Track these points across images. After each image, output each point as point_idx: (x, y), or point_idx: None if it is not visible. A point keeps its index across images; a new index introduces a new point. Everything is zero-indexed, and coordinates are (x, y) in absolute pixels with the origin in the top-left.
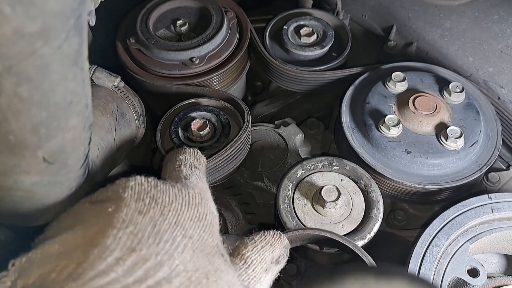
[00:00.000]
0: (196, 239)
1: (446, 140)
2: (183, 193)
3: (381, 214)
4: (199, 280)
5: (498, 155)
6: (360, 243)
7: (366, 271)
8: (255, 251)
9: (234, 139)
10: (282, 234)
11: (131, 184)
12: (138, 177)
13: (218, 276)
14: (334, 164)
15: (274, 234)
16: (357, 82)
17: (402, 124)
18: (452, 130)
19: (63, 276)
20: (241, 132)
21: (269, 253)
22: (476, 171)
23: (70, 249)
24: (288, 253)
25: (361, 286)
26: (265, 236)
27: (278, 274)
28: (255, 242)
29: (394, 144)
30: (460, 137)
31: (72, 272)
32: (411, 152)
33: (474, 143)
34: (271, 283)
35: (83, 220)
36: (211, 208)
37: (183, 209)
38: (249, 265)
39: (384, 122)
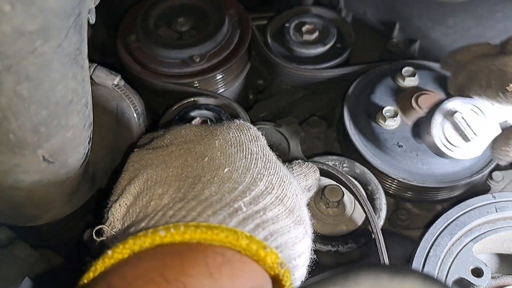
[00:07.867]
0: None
1: None
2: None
3: (382, 222)
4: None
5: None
6: (362, 242)
7: (380, 269)
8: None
9: None
10: (317, 168)
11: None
12: None
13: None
14: (344, 165)
15: (310, 166)
16: (359, 79)
17: (401, 119)
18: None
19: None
20: None
21: (303, 182)
22: (466, 177)
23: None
24: (318, 184)
25: (375, 283)
26: (302, 167)
27: None
28: (293, 170)
29: (387, 135)
30: None
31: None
32: (402, 146)
33: None
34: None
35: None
36: None
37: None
38: None
39: (382, 112)
